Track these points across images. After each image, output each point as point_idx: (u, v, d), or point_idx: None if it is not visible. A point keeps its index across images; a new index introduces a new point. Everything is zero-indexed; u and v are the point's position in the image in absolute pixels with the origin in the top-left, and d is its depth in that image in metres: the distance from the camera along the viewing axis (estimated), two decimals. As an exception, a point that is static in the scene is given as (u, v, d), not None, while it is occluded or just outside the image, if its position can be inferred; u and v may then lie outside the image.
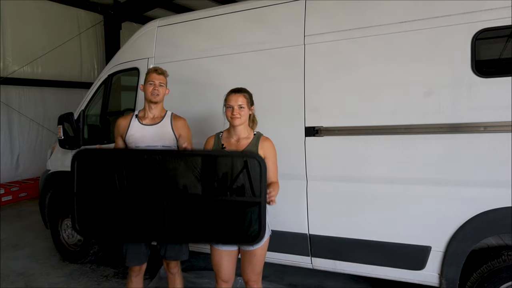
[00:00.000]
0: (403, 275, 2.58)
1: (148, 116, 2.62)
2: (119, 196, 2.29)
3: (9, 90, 7.39)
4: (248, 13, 3.03)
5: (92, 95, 3.90)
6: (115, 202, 2.29)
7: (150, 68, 2.67)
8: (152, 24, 3.55)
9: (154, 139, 2.58)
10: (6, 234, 5.16)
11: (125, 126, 2.63)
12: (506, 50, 2.31)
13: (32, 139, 7.89)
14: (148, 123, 2.61)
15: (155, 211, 2.23)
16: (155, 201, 2.23)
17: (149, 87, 2.57)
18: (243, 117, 2.31)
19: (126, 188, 2.27)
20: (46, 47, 7.73)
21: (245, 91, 2.37)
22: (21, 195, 7.12)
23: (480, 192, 2.30)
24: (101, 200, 2.31)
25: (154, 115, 2.63)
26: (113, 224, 2.35)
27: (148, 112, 2.63)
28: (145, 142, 2.57)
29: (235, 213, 2.16)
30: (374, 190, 2.59)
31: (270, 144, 2.32)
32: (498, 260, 2.34)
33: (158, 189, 2.23)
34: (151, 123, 2.61)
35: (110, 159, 2.38)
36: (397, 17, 2.47)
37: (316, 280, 3.53)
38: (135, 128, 2.60)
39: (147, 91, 2.58)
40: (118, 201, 2.29)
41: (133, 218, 2.28)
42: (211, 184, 2.19)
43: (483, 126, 2.26)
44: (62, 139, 3.83)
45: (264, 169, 2.05)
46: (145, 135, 2.58)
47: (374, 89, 2.56)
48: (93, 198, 2.33)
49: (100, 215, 2.33)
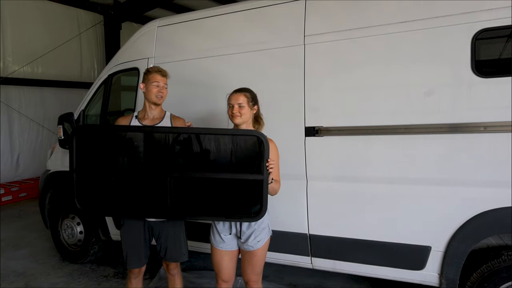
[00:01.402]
0: (403, 275, 2.58)
1: (148, 117, 2.60)
2: (119, 172, 2.31)
3: (9, 90, 7.39)
4: (248, 13, 3.03)
5: (92, 95, 3.90)
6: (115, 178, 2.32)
7: (153, 68, 2.60)
8: (152, 24, 3.55)
9: None
10: (6, 234, 5.16)
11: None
12: (506, 50, 2.31)
13: (32, 139, 7.89)
14: (148, 124, 2.60)
15: (157, 187, 2.26)
16: (157, 178, 2.26)
17: (154, 89, 2.52)
18: (244, 116, 2.33)
19: (127, 164, 2.30)
20: (46, 47, 7.73)
21: (246, 91, 2.38)
22: (21, 195, 7.12)
23: (480, 192, 2.30)
24: (101, 177, 2.33)
25: (154, 116, 2.61)
26: (114, 200, 2.36)
27: (148, 113, 2.60)
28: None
29: (237, 190, 2.21)
30: (374, 190, 2.59)
31: (272, 146, 2.32)
32: (498, 260, 2.34)
33: (160, 166, 2.26)
34: (151, 124, 2.60)
35: (111, 135, 2.39)
36: (397, 17, 2.47)
37: (316, 280, 3.53)
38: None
39: (151, 92, 2.52)
40: (118, 177, 2.32)
41: (134, 194, 2.32)
42: (214, 161, 2.23)
43: (483, 126, 2.26)
44: (62, 139, 3.83)
45: (267, 147, 2.13)
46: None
47: (374, 89, 2.56)
48: (93, 174, 2.34)
49: (100, 191, 2.35)
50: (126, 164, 2.32)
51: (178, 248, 2.64)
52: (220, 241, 2.37)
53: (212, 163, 2.23)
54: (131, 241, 2.58)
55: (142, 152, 2.29)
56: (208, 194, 2.26)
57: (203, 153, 2.24)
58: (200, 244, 3.27)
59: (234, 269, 2.47)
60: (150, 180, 2.28)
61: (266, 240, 2.36)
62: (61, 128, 3.79)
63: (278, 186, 2.33)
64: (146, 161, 2.29)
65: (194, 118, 3.19)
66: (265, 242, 2.35)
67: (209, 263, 3.98)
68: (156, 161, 2.29)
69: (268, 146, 2.13)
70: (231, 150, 2.20)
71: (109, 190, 2.35)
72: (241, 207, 2.24)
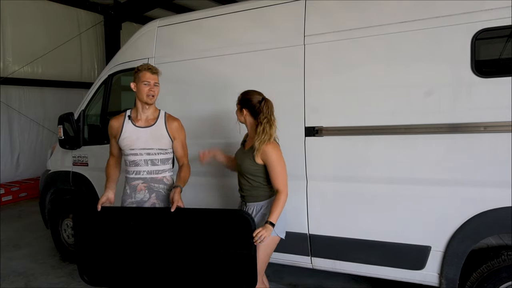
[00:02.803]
0: (403, 275, 2.58)
1: (142, 118, 2.55)
2: (118, 249, 2.43)
3: (9, 90, 7.40)
4: (248, 13, 3.03)
5: (92, 95, 3.90)
6: (114, 254, 2.44)
7: (142, 66, 2.51)
8: (152, 24, 3.55)
9: (149, 142, 2.54)
10: (6, 234, 5.16)
11: (118, 128, 2.56)
12: (506, 50, 2.31)
13: (32, 139, 7.90)
14: (142, 125, 2.55)
15: (151, 263, 2.36)
16: (151, 255, 2.36)
17: (144, 88, 2.45)
18: (237, 116, 2.50)
19: (124, 241, 2.42)
20: (46, 47, 7.73)
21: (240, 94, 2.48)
22: (21, 195, 7.13)
23: (480, 192, 2.30)
24: (102, 253, 2.46)
25: (147, 117, 2.56)
26: (116, 273, 2.47)
27: (141, 113, 2.55)
28: (139, 145, 2.53)
29: (227, 265, 2.25)
30: (374, 190, 2.59)
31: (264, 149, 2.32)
32: (498, 260, 2.34)
33: (152, 244, 2.36)
34: (145, 125, 2.55)
35: (105, 216, 2.46)
36: (397, 17, 2.47)
37: (316, 280, 3.53)
38: (129, 131, 2.53)
39: (142, 92, 2.46)
40: (117, 254, 2.43)
41: (131, 268, 2.41)
42: (202, 239, 2.30)
43: (483, 126, 2.26)
44: (62, 139, 3.83)
45: (252, 223, 2.20)
46: (140, 138, 2.53)
47: (374, 89, 2.56)
48: (95, 251, 2.47)
49: (103, 266, 2.47)
50: (121, 239, 2.43)
51: None
52: None
53: (199, 239, 2.30)
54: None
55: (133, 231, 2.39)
56: (198, 269, 2.31)
57: (190, 230, 2.33)
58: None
59: None
60: (142, 255, 2.38)
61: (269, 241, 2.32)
62: (61, 128, 3.79)
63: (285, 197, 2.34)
64: (136, 239, 2.39)
65: (194, 118, 3.20)
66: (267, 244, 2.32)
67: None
68: (146, 238, 2.37)
69: (253, 221, 2.21)
70: (217, 227, 2.28)
71: (109, 265, 2.46)
72: (233, 280, 2.27)
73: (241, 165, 2.43)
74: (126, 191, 2.60)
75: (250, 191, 2.44)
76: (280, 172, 2.34)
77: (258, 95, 2.42)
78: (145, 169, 2.56)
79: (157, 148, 2.56)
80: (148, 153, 2.55)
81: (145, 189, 2.56)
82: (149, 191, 2.56)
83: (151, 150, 2.54)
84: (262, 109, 2.37)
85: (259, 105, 2.38)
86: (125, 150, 2.57)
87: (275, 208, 2.28)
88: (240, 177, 2.51)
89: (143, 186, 2.56)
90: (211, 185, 3.20)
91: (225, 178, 3.08)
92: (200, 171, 3.04)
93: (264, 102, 2.38)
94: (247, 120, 2.44)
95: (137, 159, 2.54)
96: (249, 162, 2.38)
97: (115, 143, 2.63)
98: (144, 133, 2.53)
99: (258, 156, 2.33)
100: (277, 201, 2.30)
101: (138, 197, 2.56)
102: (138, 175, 2.56)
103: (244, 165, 2.41)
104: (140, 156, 2.54)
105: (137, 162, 2.55)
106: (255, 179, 2.40)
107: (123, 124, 2.55)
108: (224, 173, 3.01)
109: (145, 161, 2.55)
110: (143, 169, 2.56)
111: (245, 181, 2.44)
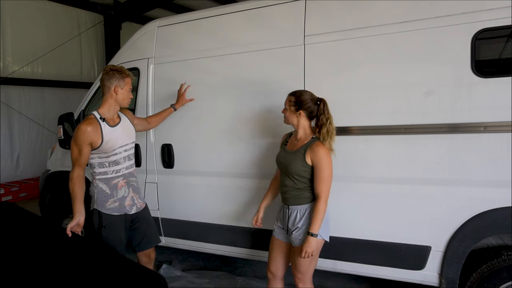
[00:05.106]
0: (403, 275, 2.58)
1: (113, 117, 2.62)
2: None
3: (9, 90, 7.39)
4: (248, 13, 3.03)
5: (92, 95, 3.90)
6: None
7: (126, 71, 2.59)
8: (152, 24, 3.55)
9: (124, 138, 2.63)
10: (6, 234, 5.15)
11: (98, 133, 2.48)
12: (506, 50, 2.31)
13: (32, 139, 7.88)
14: (115, 124, 2.61)
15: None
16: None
17: (129, 94, 2.60)
18: (287, 118, 2.41)
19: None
20: (46, 47, 7.72)
21: (292, 94, 2.41)
22: (21, 195, 7.12)
23: (480, 192, 2.31)
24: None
25: (113, 115, 2.64)
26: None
27: (113, 113, 2.62)
28: (119, 144, 2.59)
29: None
30: (374, 190, 2.59)
31: (318, 150, 2.28)
32: (498, 260, 2.34)
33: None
34: (116, 123, 2.63)
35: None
36: (397, 17, 2.47)
37: (316, 280, 3.51)
38: (108, 133, 2.53)
39: (127, 98, 2.59)
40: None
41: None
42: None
43: (483, 126, 2.26)
44: (62, 139, 3.83)
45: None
46: (118, 137, 2.59)
47: (374, 89, 2.55)
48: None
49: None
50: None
51: (155, 230, 2.84)
52: (275, 229, 2.54)
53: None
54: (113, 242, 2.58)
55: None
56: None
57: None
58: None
59: (281, 263, 2.53)
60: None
61: (314, 243, 2.27)
62: (61, 128, 3.79)
63: (325, 206, 2.28)
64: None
65: (193, 118, 3.20)
66: (314, 245, 2.27)
67: (209, 262, 3.98)
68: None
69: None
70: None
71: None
72: None
73: (289, 165, 2.36)
74: (105, 191, 2.59)
75: (294, 192, 2.37)
76: (327, 177, 2.28)
77: (311, 95, 2.37)
78: (124, 166, 2.65)
79: (131, 142, 2.70)
80: (125, 149, 2.65)
81: (125, 185, 2.65)
82: (128, 186, 2.66)
83: (126, 145, 2.65)
84: (323, 110, 2.32)
85: (318, 106, 2.34)
86: (106, 153, 2.55)
87: (316, 218, 2.25)
88: (284, 178, 2.43)
89: (123, 182, 2.63)
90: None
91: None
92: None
93: (322, 102, 2.34)
94: (301, 121, 2.36)
95: (118, 158, 2.60)
96: (300, 163, 2.31)
97: (88, 151, 2.49)
98: (119, 131, 2.61)
99: (308, 156, 2.28)
100: (318, 210, 2.25)
101: (119, 194, 2.62)
102: (118, 173, 2.62)
103: (294, 164, 2.33)
104: (119, 154, 2.61)
105: (117, 161, 2.60)
106: (301, 180, 2.34)
107: (100, 128, 2.50)
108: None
109: (124, 158, 2.64)
110: (122, 166, 2.63)
111: (291, 182, 2.37)
